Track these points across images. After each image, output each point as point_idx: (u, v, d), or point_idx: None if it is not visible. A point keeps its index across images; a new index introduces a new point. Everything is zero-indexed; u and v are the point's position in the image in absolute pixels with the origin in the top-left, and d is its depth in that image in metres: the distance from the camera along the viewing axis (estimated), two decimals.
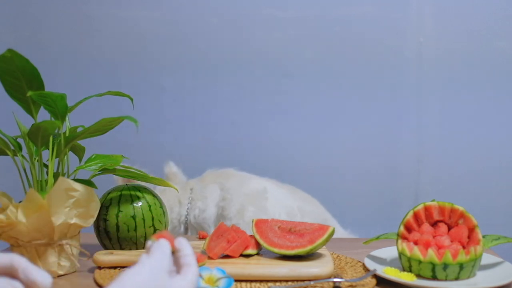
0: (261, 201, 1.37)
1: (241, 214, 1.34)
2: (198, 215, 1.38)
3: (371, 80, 1.82)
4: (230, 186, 1.40)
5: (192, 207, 1.39)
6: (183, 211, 1.39)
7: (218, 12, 1.81)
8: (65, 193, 0.85)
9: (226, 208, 1.36)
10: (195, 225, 1.39)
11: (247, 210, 1.35)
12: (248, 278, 0.85)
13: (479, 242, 0.86)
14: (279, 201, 1.41)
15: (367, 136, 1.83)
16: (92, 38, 1.81)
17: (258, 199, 1.38)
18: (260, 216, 1.32)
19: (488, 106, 1.81)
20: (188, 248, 0.62)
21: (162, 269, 0.58)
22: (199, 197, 1.39)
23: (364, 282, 0.84)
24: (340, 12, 1.80)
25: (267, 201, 1.38)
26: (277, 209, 1.38)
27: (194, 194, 1.40)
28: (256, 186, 1.42)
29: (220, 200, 1.39)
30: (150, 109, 1.81)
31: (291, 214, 1.38)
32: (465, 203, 0.95)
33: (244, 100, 1.82)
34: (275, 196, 1.41)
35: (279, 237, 0.92)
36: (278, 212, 1.37)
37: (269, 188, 1.42)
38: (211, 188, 1.41)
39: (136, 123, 0.82)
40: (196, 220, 1.38)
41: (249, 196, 1.38)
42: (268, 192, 1.40)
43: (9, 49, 0.79)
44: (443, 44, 1.80)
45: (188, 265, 0.60)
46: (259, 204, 1.37)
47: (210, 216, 1.38)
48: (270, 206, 1.38)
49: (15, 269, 0.56)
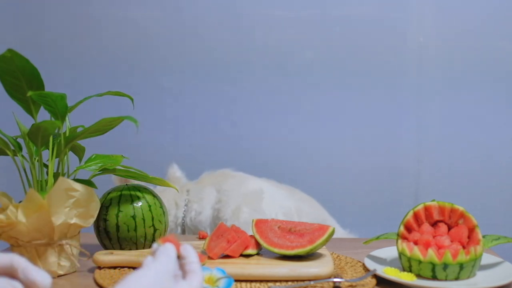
0: (256, 201, 1.37)
1: (236, 215, 1.34)
2: (194, 218, 1.38)
3: (371, 80, 1.82)
4: (227, 188, 1.39)
5: (188, 209, 1.39)
6: (180, 213, 1.39)
7: (218, 12, 1.81)
8: (65, 193, 0.85)
9: (221, 210, 1.36)
10: (192, 227, 1.39)
11: (242, 211, 1.34)
12: (248, 278, 0.85)
13: (479, 242, 0.86)
14: (276, 201, 1.40)
15: (367, 136, 1.83)
16: (92, 38, 1.81)
17: (253, 199, 1.37)
18: (255, 217, 1.32)
19: (488, 106, 1.81)
20: (193, 255, 0.62)
21: (167, 272, 0.58)
22: (196, 199, 1.39)
23: (364, 282, 0.84)
24: (340, 12, 1.80)
25: (262, 201, 1.38)
26: (273, 210, 1.37)
27: (190, 196, 1.40)
28: (252, 187, 1.41)
29: (216, 202, 1.38)
30: (150, 109, 1.81)
31: (288, 215, 1.38)
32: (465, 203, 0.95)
33: (244, 100, 1.82)
34: (272, 197, 1.41)
35: (279, 237, 0.92)
36: (275, 213, 1.36)
37: (266, 188, 1.42)
38: (207, 190, 1.41)
39: (136, 123, 0.82)
40: (192, 223, 1.38)
41: (245, 197, 1.38)
42: (265, 192, 1.40)
43: (9, 49, 0.79)
44: (443, 44, 1.80)
45: (194, 272, 0.61)
46: (255, 204, 1.36)
47: (206, 218, 1.38)
48: (266, 206, 1.37)
49: (15, 269, 0.56)
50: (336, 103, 1.83)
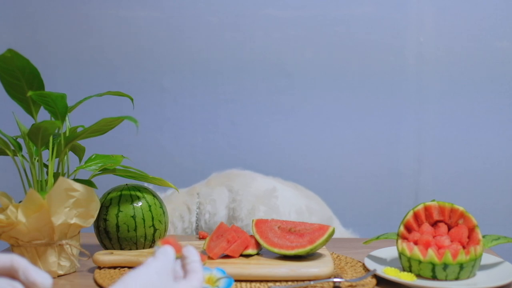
0: (271, 200, 1.36)
1: (252, 214, 1.33)
2: (209, 220, 1.36)
3: (371, 80, 1.82)
4: (239, 187, 1.38)
5: (201, 212, 1.37)
6: (193, 217, 1.36)
7: (218, 12, 1.81)
8: (65, 193, 0.85)
9: (236, 209, 1.34)
10: (207, 230, 1.36)
11: (258, 210, 1.33)
12: (248, 278, 0.85)
13: (479, 242, 0.86)
14: (287, 199, 1.39)
15: (367, 136, 1.83)
16: (92, 38, 1.81)
17: (268, 198, 1.36)
18: (271, 216, 1.31)
19: (488, 106, 1.81)
20: (195, 255, 0.63)
21: (167, 271, 0.58)
22: (208, 201, 1.37)
23: (364, 282, 0.85)
24: (340, 12, 1.80)
25: (277, 199, 1.36)
26: (287, 208, 1.36)
27: (201, 198, 1.38)
28: (264, 185, 1.40)
29: (230, 201, 1.36)
30: (150, 109, 1.81)
31: (300, 212, 1.37)
32: (465, 203, 0.95)
33: (244, 100, 1.82)
34: (283, 195, 1.39)
35: (279, 237, 0.92)
36: (288, 211, 1.35)
37: (277, 186, 1.41)
38: (218, 190, 1.39)
39: (136, 123, 0.82)
40: (207, 225, 1.35)
41: (259, 196, 1.36)
42: (277, 190, 1.39)
43: (9, 49, 0.79)
44: (443, 44, 1.80)
45: (194, 271, 0.61)
46: (270, 203, 1.35)
47: (221, 218, 1.36)
48: (281, 204, 1.36)
49: (15, 270, 0.56)
50: (336, 103, 1.83)
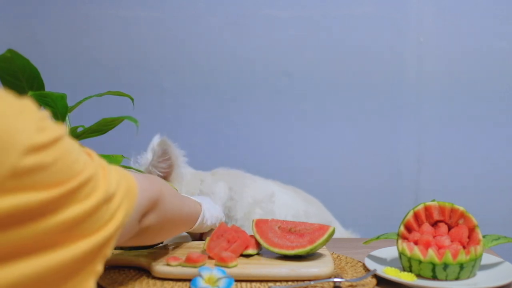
0: (268, 204, 1.37)
1: (247, 216, 1.33)
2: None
3: (371, 80, 1.82)
4: (238, 187, 1.38)
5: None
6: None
7: (218, 12, 1.81)
8: None
9: (232, 209, 1.35)
10: None
11: (254, 213, 1.34)
12: (248, 278, 0.85)
13: (479, 242, 0.86)
14: (285, 203, 1.40)
15: (367, 136, 1.83)
16: (92, 38, 1.81)
17: (265, 202, 1.37)
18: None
19: (488, 106, 1.81)
20: None
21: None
22: (208, 192, 1.36)
23: (364, 282, 0.84)
24: (340, 12, 1.80)
25: (274, 204, 1.37)
26: (283, 212, 1.36)
27: (203, 186, 1.37)
28: (263, 189, 1.40)
29: (227, 199, 1.36)
30: (150, 109, 1.81)
31: (297, 217, 1.37)
32: (465, 203, 0.95)
33: (244, 100, 1.82)
34: (281, 199, 1.40)
35: (279, 237, 0.92)
36: (285, 215, 1.36)
37: (276, 190, 1.42)
38: (221, 184, 1.38)
39: (136, 123, 0.82)
40: None
41: (257, 199, 1.37)
42: (276, 194, 1.40)
43: (9, 49, 0.79)
44: (443, 44, 1.80)
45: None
46: (267, 207, 1.36)
47: None
48: (277, 209, 1.37)
49: None
50: (336, 103, 1.83)
